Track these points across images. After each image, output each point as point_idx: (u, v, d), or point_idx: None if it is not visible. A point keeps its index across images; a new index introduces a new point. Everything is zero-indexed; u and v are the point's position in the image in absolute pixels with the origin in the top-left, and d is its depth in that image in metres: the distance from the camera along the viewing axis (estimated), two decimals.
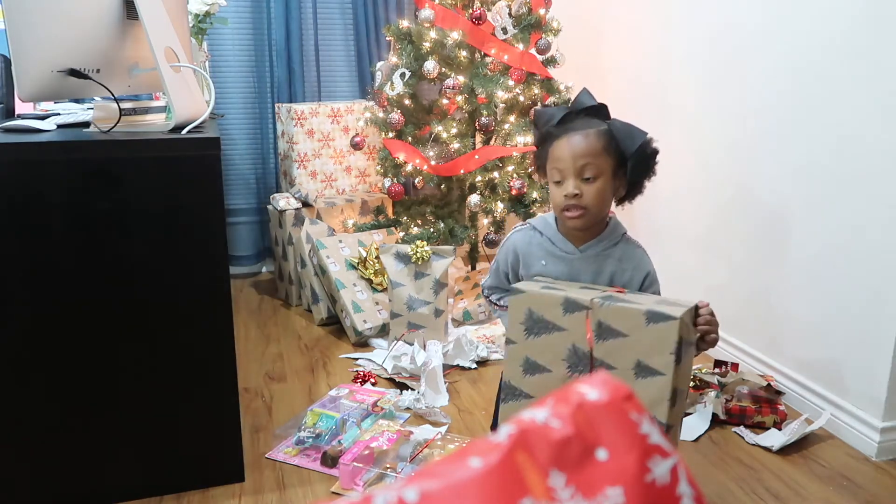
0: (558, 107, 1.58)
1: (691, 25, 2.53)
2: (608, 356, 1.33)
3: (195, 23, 2.66)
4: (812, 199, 2.01)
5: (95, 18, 1.50)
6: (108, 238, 1.52)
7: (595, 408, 0.48)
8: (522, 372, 1.39)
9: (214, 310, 1.61)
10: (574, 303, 1.33)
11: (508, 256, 1.58)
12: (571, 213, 1.44)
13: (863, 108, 1.83)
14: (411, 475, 0.46)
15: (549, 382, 1.37)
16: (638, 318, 1.30)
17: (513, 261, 1.56)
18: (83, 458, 1.59)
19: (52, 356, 1.53)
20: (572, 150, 1.42)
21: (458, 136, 2.81)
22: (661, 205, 2.75)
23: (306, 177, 3.09)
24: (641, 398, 1.45)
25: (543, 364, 1.37)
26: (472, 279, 2.97)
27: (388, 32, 2.89)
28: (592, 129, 1.45)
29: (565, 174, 1.43)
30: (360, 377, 2.25)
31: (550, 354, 1.36)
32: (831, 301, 1.96)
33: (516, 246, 1.56)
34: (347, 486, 1.68)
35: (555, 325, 1.35)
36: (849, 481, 1.75)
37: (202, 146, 1.54)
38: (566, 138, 1.44)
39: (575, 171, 1.43)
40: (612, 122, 1.48)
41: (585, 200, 1.43)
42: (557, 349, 1.35)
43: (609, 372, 1.38)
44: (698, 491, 0.49)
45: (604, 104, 1.52)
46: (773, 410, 1.98)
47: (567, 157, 1.43)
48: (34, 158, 1.46)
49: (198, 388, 1.64)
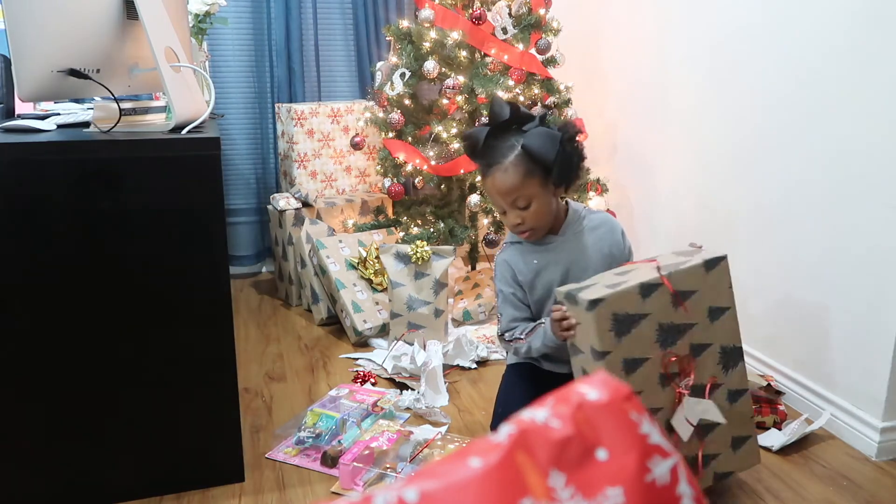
0: (480, 127, 1.58)
1: (691, 26, 2.53)
2: (691, 316, 1.46)
3: (195, 23, 2.66)
4: (812, 199, 2.01)
5: (95, 18, 1.50)
6: (107, 238, 1.52)
7: (595, 408, 0.48)
8: (625, 374, 1.42)
9: (214, 310, 1.61)
10: (647, 285, 1.40)
11: (507, 274, 1.66)
12: (524, 235, 1.61)
13: (863, 109, 1.83)
14: (411, 475, 0.46)
15: (650, 370, 1.44)
16: (699, 271, 1.46)
17: (511, 275, 1.66)
18: (83, 458, 1.59)
19: (51, 356, 1.53)
20: (498, 189, 1.54)
21: (458, 136, 2.81)
22: (661, 205, 2.75)
23: (306, 177, 3.09)
24: (719, 339, 1.51)
25: (641, 356, 1.42)
26: (472, 279, 2.97)
27: (388, 32, 2.89)
28: (509, 160, 1.51)
29: (503, 207, 1.57)
30: (360, 377, 2.25)
31: (645, 343, 1.42)
32: (831, 301, 1.96)
33: (507, 261, 1.67)
34: (347, 486, 1.68)
35: (639, 314, 1.41)
36: (849, 481, 1.75)
37: (202, 146, 1.54)
38: (491, 178, 1.55)
39: (509, 204, 1.55)
40: (527, 136, 1.52)
41: (529, 224, 1.57)
42: (648, 335, 1.42)
43: (693, 328, 1.48)
44: (698, 491, 0.49)
45: (515, 106, 1.54)
46: (773, 410, 1.98)
47: (496, 196, 1.55)
48: (34, 158, 1.46)
49: (198, 388, 1.64)
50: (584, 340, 1.43)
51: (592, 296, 1.37)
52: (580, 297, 1.38)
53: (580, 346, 1.45)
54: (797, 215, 2.07)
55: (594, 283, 1.45)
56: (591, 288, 1.42)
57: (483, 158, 1.55)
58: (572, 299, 1.41)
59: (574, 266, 1.66)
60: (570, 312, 1.42)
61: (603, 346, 1.39)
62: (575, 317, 1.42)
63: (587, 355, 1.44)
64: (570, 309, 1.42)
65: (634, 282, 1.40)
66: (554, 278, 1.67)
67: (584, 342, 1.43)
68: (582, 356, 1.46)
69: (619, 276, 1.47)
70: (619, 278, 1.45)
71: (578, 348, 1.46)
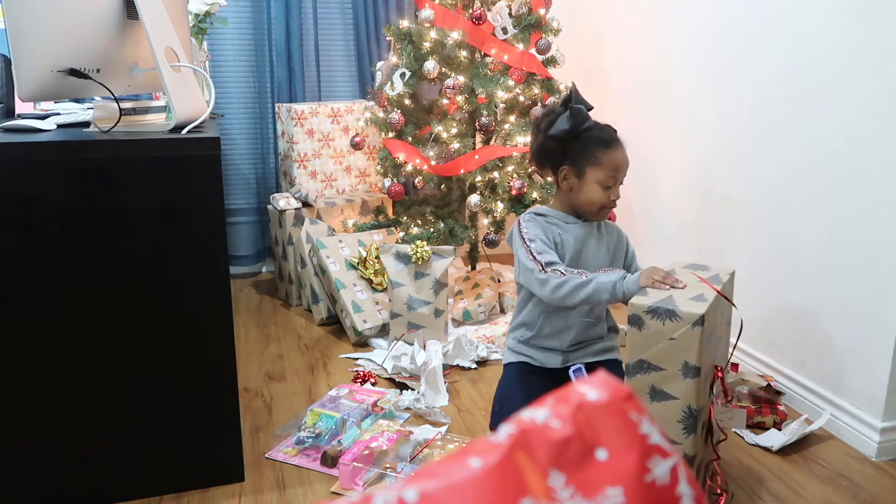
0: (579, 107, 1.70)
1: (691, 25, 2.53)
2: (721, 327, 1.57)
3: (195, 23, 2.66)
4: (812, 199, 2.01)
5: (95, 18, 1.50)
6: (107, 238, 1.52)
7: (595, 408, 0.48)
8: (704, 391, 1.47)
9: (214, 310, 1.61)
10: (715, 298, 1.45)
11: (538, 228, 1.71)
12: (609, 211, 1.73)
13: (863, 106, 1.83)
14: (411, 475, 0.46)
15: (719, 348, 1.56)
16: (729, 283, 1.59)
17: (543, 230, 1.71)
18: (83, 458, 1.59)
19: (51, 356, 1.53)
20: (622, 164, 1.68)
21: (458, 136, 2.81)
22: (661, 202, 2.75)
23: (306, 177, 3.09)
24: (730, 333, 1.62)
25: (708, 369, 1.48)
26: (472, 279, 2.97)
27: (388, 32, 2.89)
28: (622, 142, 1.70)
29: (617, 181, 1.68)
30: (360, 377, 2.25)
31: (710, 355, 1.48)
32: (831, 301, 1.96)
33: (537, 220, 1.74)
34: (347, 486, 1.68)
35: (712, 325, 1.45)
36: (849, 481, 1.75)
37: (202, 146, 1.54)
38: (621, 152, 1.68)
39: (619, 180, 1.69)
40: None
41: (617, 201, 1.71)
42: (712, 346, 1.49)
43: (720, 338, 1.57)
44: (698, 491, 0.49)
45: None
46: (773, 411, 1.98)
47: (623, 168, 1.68)
48: (34, 158, 1.46)
49: (198, 388, 1.64)
50: (674, 356, 1.38)
51: (694, 310, 1.35)
52: (682, 311, 1.36)
53: (659, 364, 1.40)
54: (797, 215, 2.07)
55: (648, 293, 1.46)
56: (665, 298, 1.40)
57: (609, 132, 1.69)
58: (668, 314, 1.37)
59: (585, 251, 1.74)
60: (651, 328, 1.39)
61: (698, 360, 1.37)
62: (662, 333, 1.38)
63: (671, 372, 1.39)
64: (654, 325, 1.38)
65: (708, 292, 1.44)
66: (567, 254, 1.72)
67: (674, 358, 1.38)
68: (658, 373, 1.41)
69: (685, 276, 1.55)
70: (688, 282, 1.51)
71: (656, 366, 1.41)
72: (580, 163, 1.68)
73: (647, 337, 1.40)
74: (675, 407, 1.42)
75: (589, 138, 1.67)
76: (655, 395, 1.43)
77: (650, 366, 1.42)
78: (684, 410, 1.41)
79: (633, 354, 1.44)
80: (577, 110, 1.67)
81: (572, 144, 1.68)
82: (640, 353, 1.43)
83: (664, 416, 1.42)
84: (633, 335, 1.43)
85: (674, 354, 1.39)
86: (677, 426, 1.42)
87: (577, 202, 1.72)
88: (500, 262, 3.37)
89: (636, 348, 1.43)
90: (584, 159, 1.67)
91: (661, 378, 1.42)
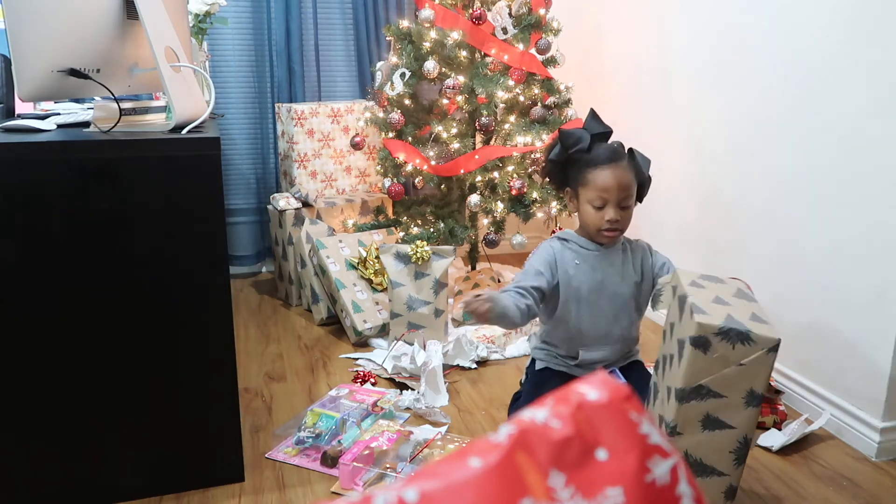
0: (580, 129, 1.70)
1: (691, 25, 2.53)
2: None
3: (195, 23, 2.66)
4: (812, 199, 2.01)
5: (95, 18, 1.50)
6: (107, 238, 1.51)
7: (595, 408, 0.48)
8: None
9: (214, 310, 1.61)
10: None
11: (548, 257, 1.72)
12: (610, 234, 1.67)
13: (863, 107, 1.83)
14: (411, 475, 0.46)
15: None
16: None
17: (552, 260, 1.72)
18: (83, 458, 1.59)
19: (51, 356, 1.53)
20: (619, 183, 1.64)
21: (458, 136, 2.81)
22: (661, 204, 2.75)
23: (306, 177, 3.09)
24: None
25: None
26: (472, 279, 2.97)
27: (388, 32, 2.89)
28: (626, 162, 1.66)
29: (608, 202, 1.64)
30: (360, 377, 2.25)
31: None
32: (831, 301, 1.96)
33: (554, 250, 1.74)
34: (347, 486, 1.68)
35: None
36: (849, 481, 1.75)
37: (202, 146, 1.54)
38: (611, 170, 1.64)
39: (618, 201, 1.64)
40: (632, 151, 1.70)
41: (622, 224, 1.67)
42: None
43: None
44: (698, 491, 0.49)
45: (610, 129, 1.72)
46: (773, 410, 1.98)
47: (613, 189, 1.63)
48: (34, 158, 1.46)
49: (198, 388, 1.64)
50: (740, 383, 1.28)
51: (770, 334, 1.25)
52: (757, 335, 1.25)
53: (720, 390, 1.29)
54: (797, 214, 2.07)
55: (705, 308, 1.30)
56: (730, 318, 1.27)
57: (599, 154, 1.66)
58: (740, 337, 1.25)
59: (608, 279, 1.72)
60: (718, 351, 1.26)
61: (764, 388, 1.29)
62: (729, 358, 1.27)
63: (733, 399, 1.28)
64: (722, 347, 1.25)
65: (760, 312, 1.33)
66: (585, 284, 1.71)
67: (739, 385, 1.28)
68: (718, 400, 1.30)
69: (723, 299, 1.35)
70: (731, 302, 1.34)
71: (717, 392, 1.30)
72: (574, 184, 1.70)
73: (713, 361, 1.27)
74: (730, 436, 1.32)
75: (580, 160, 1.67)
76: (710, 423, 1.31)
77: (709, 392, 1.30)
78: (739, 441, 1.33)
79: (691, 379, 1.29)
80: (566, 134, 1.68)
81: (570, 167, 1.70)
82: (700, 378, 1.29)
83: (716, 446, 1.32)
84: (695, 359, 1.28)
85: (740, 381, 1.28)
86: (728, 457, 1.34)
87: (582, 225, 1.73)
88: (500, 262, 3.37)
89: (697, 372, 1.28)
90: (576, 181, 1.69)
91: (719, 406, 1.30)
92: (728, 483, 1.38)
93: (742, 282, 1.54)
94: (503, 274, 3.11)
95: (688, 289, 1.40)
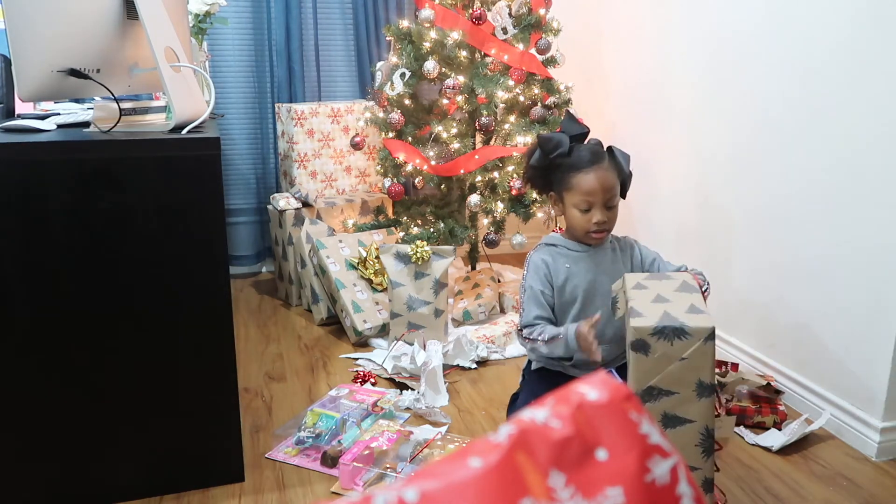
0: (558, 133, 1.70)
1: (691, 25, 2.53)
2: None
3: (195, 23, 2.66)
4: (812, 199, 2.01)
5: (95, 18, 1.50)
6: (107, 238, 1.52)
7: (595, 408, 0.48)
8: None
9: (214, 310, 1.61)
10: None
11: (542, 271, 1.71)
12: (598, 235, 1.68)
13: (863, 109, 1.83)
14: (411, 475, 0.46)
15: None
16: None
17: (546, 273, 1.71)
18: (83, 458, 1.59)
19: (51, 356, 1.53)
20: (602, 185, 1.64)
21: (458, 136, 2.81)
22: (661, 205, 2.75)
23: (306, 177, 3.09)
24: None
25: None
26: (472, 279, 2.96)
27: (388, 32, 2.89)
28: (607, 163, 1.67)
29: (594, 204, 1.65)
30: (360, 377, 2.25)
31: None
32: (831, 301, 1.96)
33: (544, 259, 1.73)
34: (347, 486, 1.68)
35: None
36: (849, 481, 1.75)
37: (202, 146, 1.54)
38: (594, 173, 1.64)
39: (603, 202, 1.64)
40: (611, 150, 1.69)
41: (609, 225, 1.68)
42: None
43: None
44: (698, 491, 0.49)
45: (587, 128, 1.72)
46: (773, 410, 1.98)
47: (598, 191, 1.64)
48: (34, 158, 1.46)
49: (198, 388, 1.64)
50: (687, 377, 1.29)
51: (704, 324, 1.27)
52: (691, 327, 1.26)
53: (671, 388, 1.31)
54: (797, 215, 2.07)
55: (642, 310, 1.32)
56: (664, 316, 1.30)
57: (581, 157, 1.65)
58: (675, 333, 1.27)
59: (600, 278, 1.71)
60: (658, 351, 1.29)
61: (712, 378, 1.29)
62: (671, 355, 1.28)
63: (685, 394, 1.30)
64: (661, 346, 1.28)
65: (699, 303, 1.34)
66: (580, 286, 1.70)
67: (687, 379, 1.29)
68: (671, 398, 1.31)
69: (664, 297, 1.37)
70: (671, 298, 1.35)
71: (668, 390, 1.31)
72: (558, 189, 1.70)
73: (656, 361, 1.29)
74: (692, 430, 1.33)
75: (562, 164, 1.66)
76: (669, 421, 1.33)
77: (661, 391, 1.31)
78: (701, 432, 1.34)
79: (640, 383, 1.31)
80: (544, 139, 1.67)
81: (553, 171, 1.69)
82: (648, 380, 1.31)
83: (681, 443, 1.33)
84: (638, 362, 1.30)
85: (687, 375, 1.29)
86: (695, 450, 1.34)
87: (569, 228, 1.73)
88: (500, 262, 3.37)
89: (643, 375, 1.30)
90: (560, 185, 1.68)
91: (674, 403, 1.32)
92: (703, 477, 1.39)
93: (691, 274, 1.54)
94: (503, 274, 3.11)
95: (631, 292, 1.41)
